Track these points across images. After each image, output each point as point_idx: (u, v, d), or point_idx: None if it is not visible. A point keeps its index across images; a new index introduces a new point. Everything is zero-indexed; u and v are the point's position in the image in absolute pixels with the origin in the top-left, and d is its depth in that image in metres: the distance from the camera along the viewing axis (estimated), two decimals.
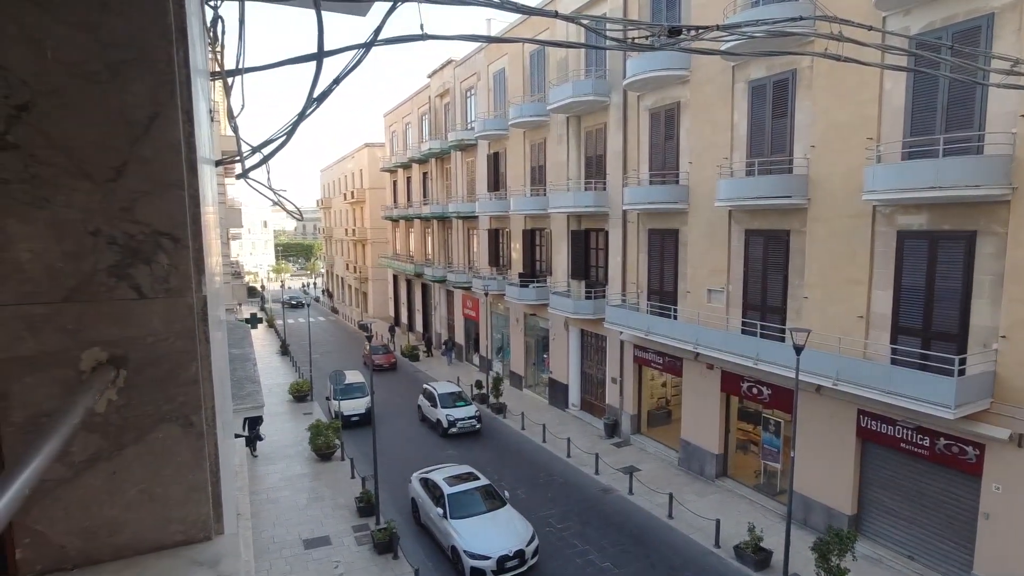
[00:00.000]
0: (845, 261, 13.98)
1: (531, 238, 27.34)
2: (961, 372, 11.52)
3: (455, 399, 23.49)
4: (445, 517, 14.22)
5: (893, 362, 12.89)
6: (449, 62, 34.84)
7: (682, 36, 3.97)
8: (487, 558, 13.06)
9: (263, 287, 74.54)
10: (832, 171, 14.10)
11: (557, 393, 25.88)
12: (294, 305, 58.80)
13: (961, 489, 12.48)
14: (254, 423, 20.98)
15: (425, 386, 25.06)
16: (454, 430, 22.29)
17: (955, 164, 11.30)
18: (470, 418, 22.63)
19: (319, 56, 2.64)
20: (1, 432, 1.20)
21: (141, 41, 1.20)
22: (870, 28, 4.04)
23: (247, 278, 71.36)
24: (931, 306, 12.58)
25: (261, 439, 21.48)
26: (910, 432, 13.03)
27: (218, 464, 1.43)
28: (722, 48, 13.26)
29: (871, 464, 14.20)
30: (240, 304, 40.25)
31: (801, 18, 4.12)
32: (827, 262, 14.39)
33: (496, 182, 30.00)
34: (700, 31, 3.99)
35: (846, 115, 13.73)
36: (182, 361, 1.31)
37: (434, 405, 23.37)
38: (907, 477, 13.48)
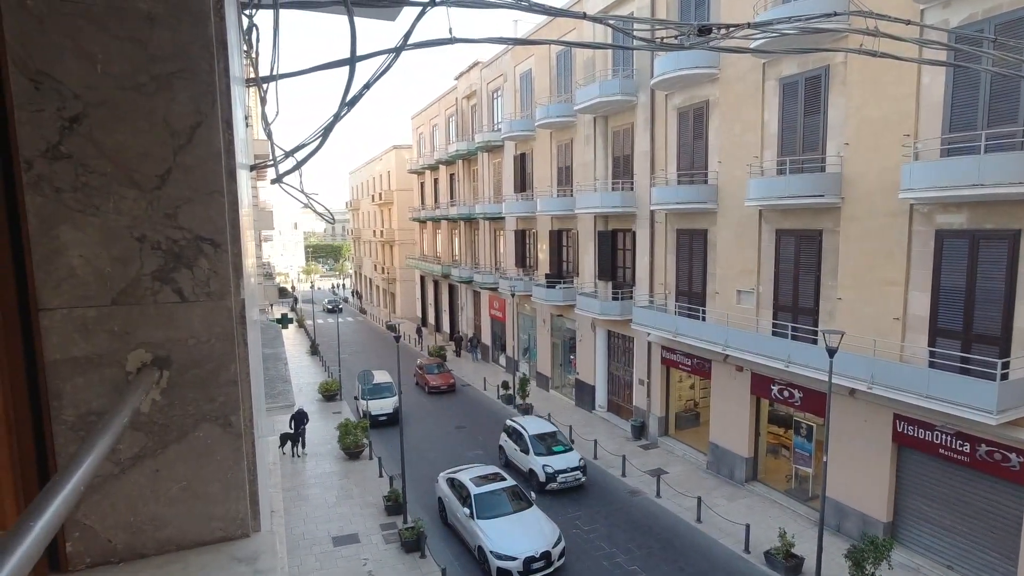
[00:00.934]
0: (881, 261, 13.63)
1: (558, 239, 27.29)
2: (1004, 376, 11.13)
3: (551, 442, 18.73)
4: (472, 517, 14.28)
5: (931, 365, 12.51)
6: (476, 64, 34.99)
7: (712, 35, 3.93)
8: (513, 559, 13.07)
9: (293, 288, 75.89)
10: (867, 169, 13.76)
11: (584, 394, 25.77)
12: (331, 310, 53.89)
13: (1004, 497, 12.05)
14: (300, 419, 21.17)
15: (509, 423, 20.12)
16: (554, 485, 17.50)
17: (998, 160, 10.92)
18: (573, 469, 17.79)
19: (352, 61, 2.68)
20: (53, 430, 1.25)
21: (185, 53, 1.24)
22: (907, 22, 3.94)
23: (278, 279, 72.73)
24: (971, 308, 12.18)
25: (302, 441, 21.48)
26: (949, 438, 12.64)
27: (255, 463, 1.47)
28: (751, 46, 13.06)
29: (907, 470, 13.81)
30: (271, 304, 41.04)
31: (836, 13, 4.04)
32: (862, 262, 14.04)
33: (523, 183, 30.03)
34: (731, 29, 3.94)
35: (882, 111, 13.39)
36: (222, 363, 1.35)
37: (524, 450, 18.70)
38: (946, 484, 13.08)
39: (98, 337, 1.25)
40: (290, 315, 42.15)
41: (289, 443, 21.06)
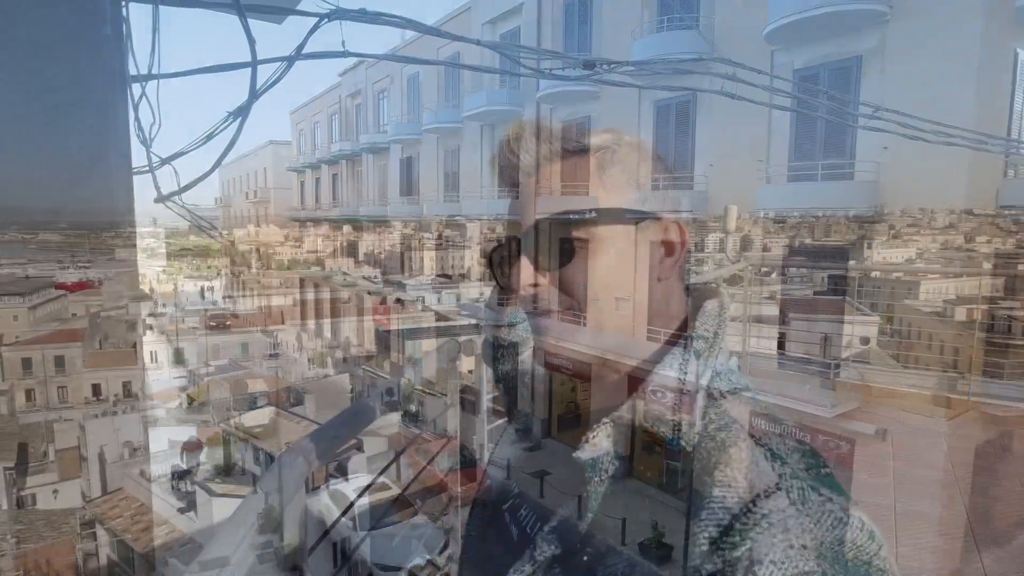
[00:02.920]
0: None
1: (445, 244, 27.32)
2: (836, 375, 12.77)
3: None
4: (354, 529, 13.92)
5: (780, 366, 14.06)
6: (361, 62, 34.14)
7: (596, 69, 4.24)
8: (398, 569, 12.92)
9: (152, 291, 69.33)
10: (729, 188, 15.21)
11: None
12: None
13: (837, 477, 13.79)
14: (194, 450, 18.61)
15: None
16: None
17: (832, 187, 12.58)
18: None
19: (253, 64, 2.60)
20: None
21: (87, 86, 1.20)
22: (759, 71, 4.49)
23: None
24: None
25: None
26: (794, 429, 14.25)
27: None
28: (625, 80, 13.98)
29: None
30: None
31: (702, 58, 4.52)
32: None
33: (409, 187, 29.75)
34: (612, 65, 4.27)
35: (740, 138, 14.87)
36: None
37: None
38: None
39: None
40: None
41: (181, 479, 17.99)
